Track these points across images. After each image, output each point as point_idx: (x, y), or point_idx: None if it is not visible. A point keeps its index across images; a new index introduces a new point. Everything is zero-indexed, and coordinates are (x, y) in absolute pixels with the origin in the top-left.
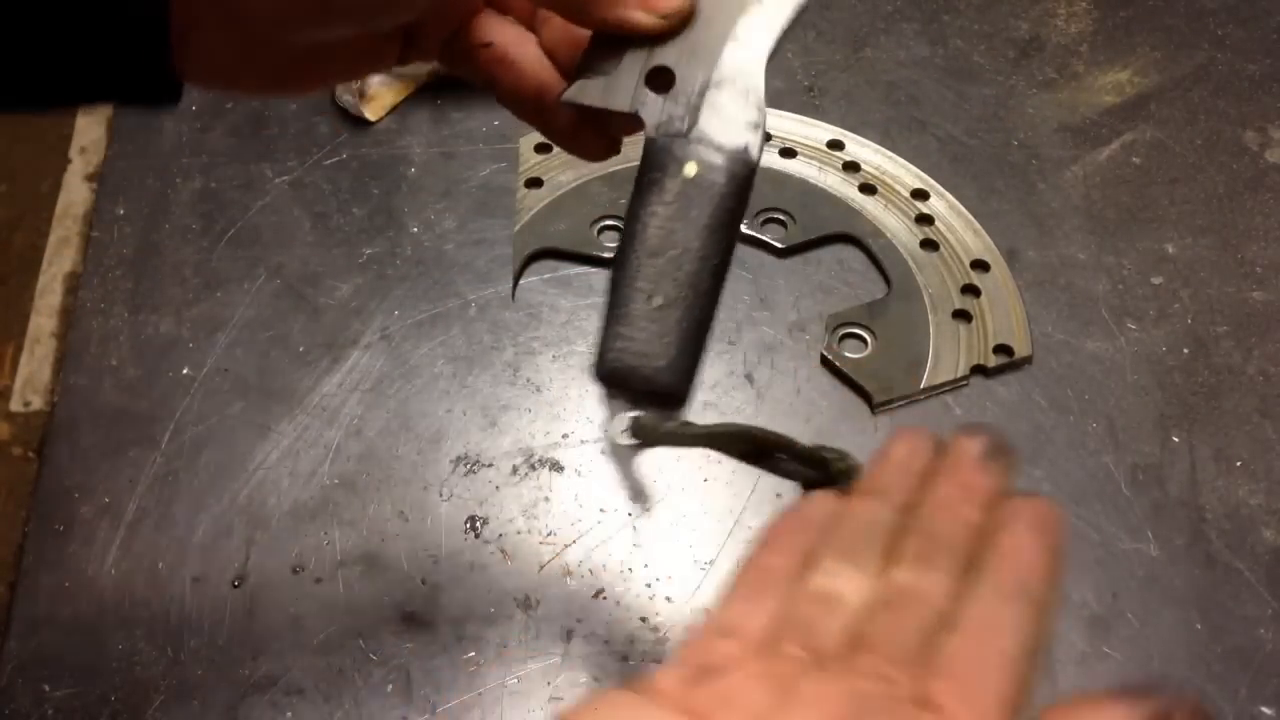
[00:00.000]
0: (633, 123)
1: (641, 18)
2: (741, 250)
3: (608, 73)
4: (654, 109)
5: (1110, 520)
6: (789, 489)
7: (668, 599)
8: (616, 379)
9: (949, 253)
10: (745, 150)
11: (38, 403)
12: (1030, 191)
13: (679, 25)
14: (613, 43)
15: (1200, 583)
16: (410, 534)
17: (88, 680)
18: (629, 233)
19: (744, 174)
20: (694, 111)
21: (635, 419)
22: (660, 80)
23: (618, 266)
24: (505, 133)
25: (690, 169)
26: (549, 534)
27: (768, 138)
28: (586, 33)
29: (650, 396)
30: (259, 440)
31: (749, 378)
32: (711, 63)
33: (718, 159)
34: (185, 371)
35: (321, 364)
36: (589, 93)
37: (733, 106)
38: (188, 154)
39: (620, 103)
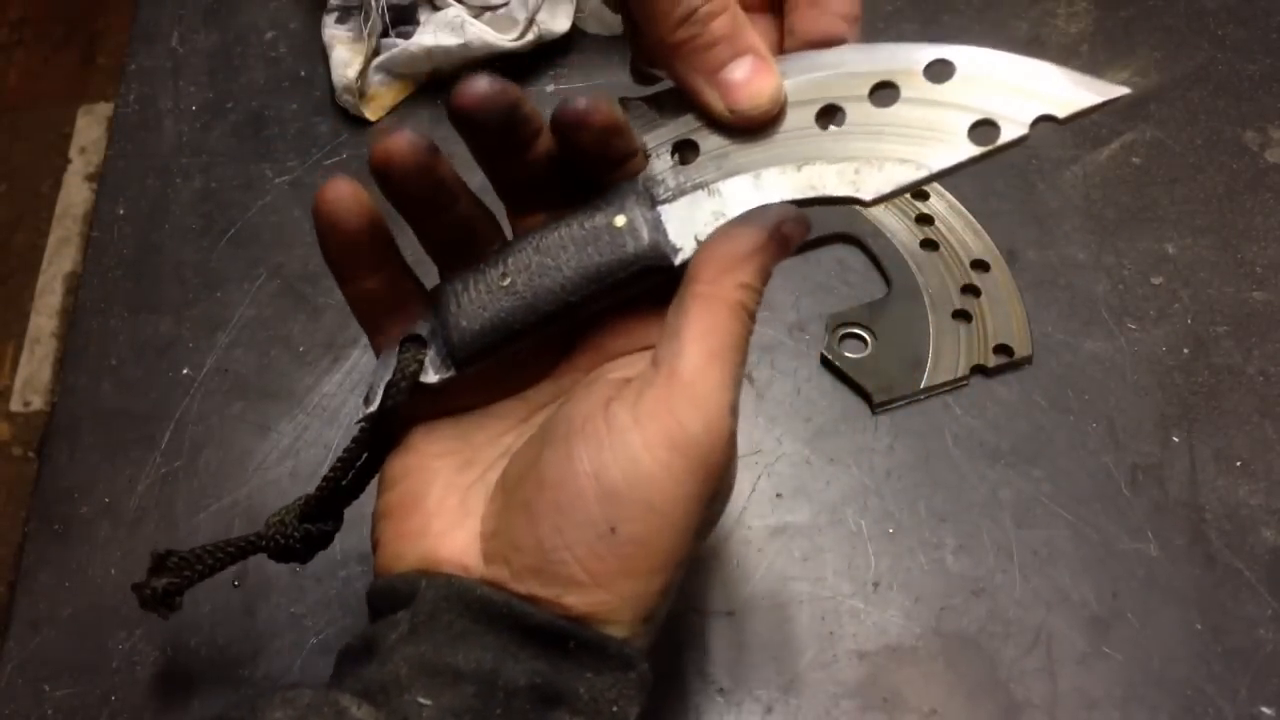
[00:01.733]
0: (636, 160)
1: (713, 100)
2: None
3: (661, 112)
4: (659, 166)
5: (1110, 520)
6: (789, 489)
7: None
8: (434, 301)
9: (949, 253)
10: (671, 251)
11: (38, 403)
12: (1030, 191)
13: (738, 127)
14: (685, 98)
15: (1200, 583)
16: None
17: (88, 680)
18: (543, 223)
19: (650, 263)
20: (678, 194)
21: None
22: (683, 151)
23: (514, 236)
24: None
25: (619, 220)
26: None
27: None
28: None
29: (438, 341)
30: (259, 440)
31: (749, 377)
32: (725, 176)
33: (644, 235)
34: (185, 371)
35: (321, 364)
36: (636, 115)
37: (699, 217)
38: (188, 154)
39: (645, 140)
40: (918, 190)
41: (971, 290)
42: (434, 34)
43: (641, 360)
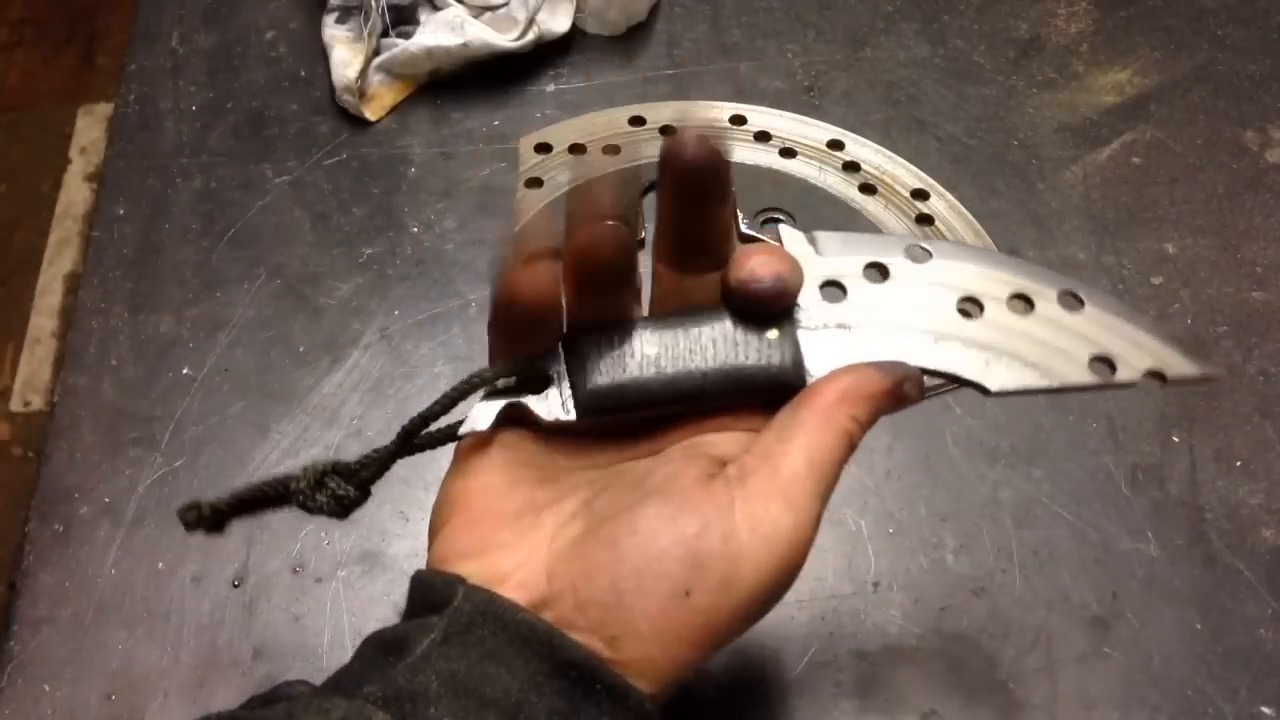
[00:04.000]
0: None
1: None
2: None
3: (819, 250)
4: (808, 297)
5: (1110, 520)
6: None
7: None
8: (567, 346)
9: None
10: (806, 375)
11: (38, 403)
12: (1030, 191)
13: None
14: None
15: (1200, 583)
16: (410, 534)
17: (88, 680)
18: (690, 303)
19: (788, 379)
20: (820, 327)
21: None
22: (832, 290)
23: (663, 312)
24: (505, 133)
25: (772, 334)
26: None
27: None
28: None
29: (563, 384)
30: (259, 440)
31: None
32: (866, 325)
33: (789, 353)
34: (185, 371)
35: (321, 364)
36: (792, 245)
37: (835, 354)
38: (188, 154)
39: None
40: (917, 191)
41: None
42: (434, 34)
43: (737, 441)
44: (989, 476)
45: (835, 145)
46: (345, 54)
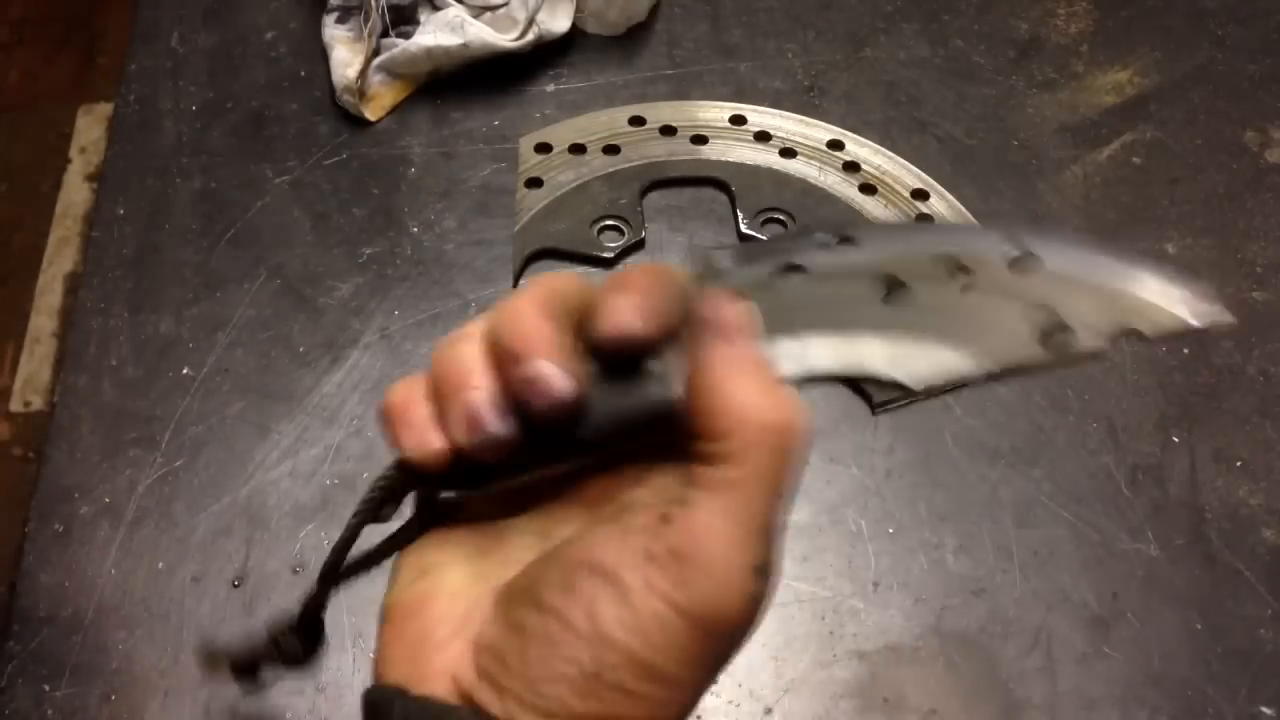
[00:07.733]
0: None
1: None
2: None
3: (739, 263)
4: None
5: (1110, 520)
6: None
7: None
8: None
9: None
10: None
11: (38, 403)
12: (1030, 191)
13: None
14: None
15: (1200, 583)
16: None
17: (88, 680)
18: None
19: (679, 409)
20: None
21: None
22: None
23: None
24: (505, 133)
25: (656, 367)
26: None
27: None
28: None
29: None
30: (259, 440)
31: None
32: (770, 333)
33: (680, 384)
34: (185, 371)
35: (321, 364)
36: (706, 266)
37: None
38: (188, 154)
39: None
40: (917, 191)
41: None
42: (434, 34)
43: (669, 477)
44: (989, 476)
45: (835, 145)
46: (345, 54)
